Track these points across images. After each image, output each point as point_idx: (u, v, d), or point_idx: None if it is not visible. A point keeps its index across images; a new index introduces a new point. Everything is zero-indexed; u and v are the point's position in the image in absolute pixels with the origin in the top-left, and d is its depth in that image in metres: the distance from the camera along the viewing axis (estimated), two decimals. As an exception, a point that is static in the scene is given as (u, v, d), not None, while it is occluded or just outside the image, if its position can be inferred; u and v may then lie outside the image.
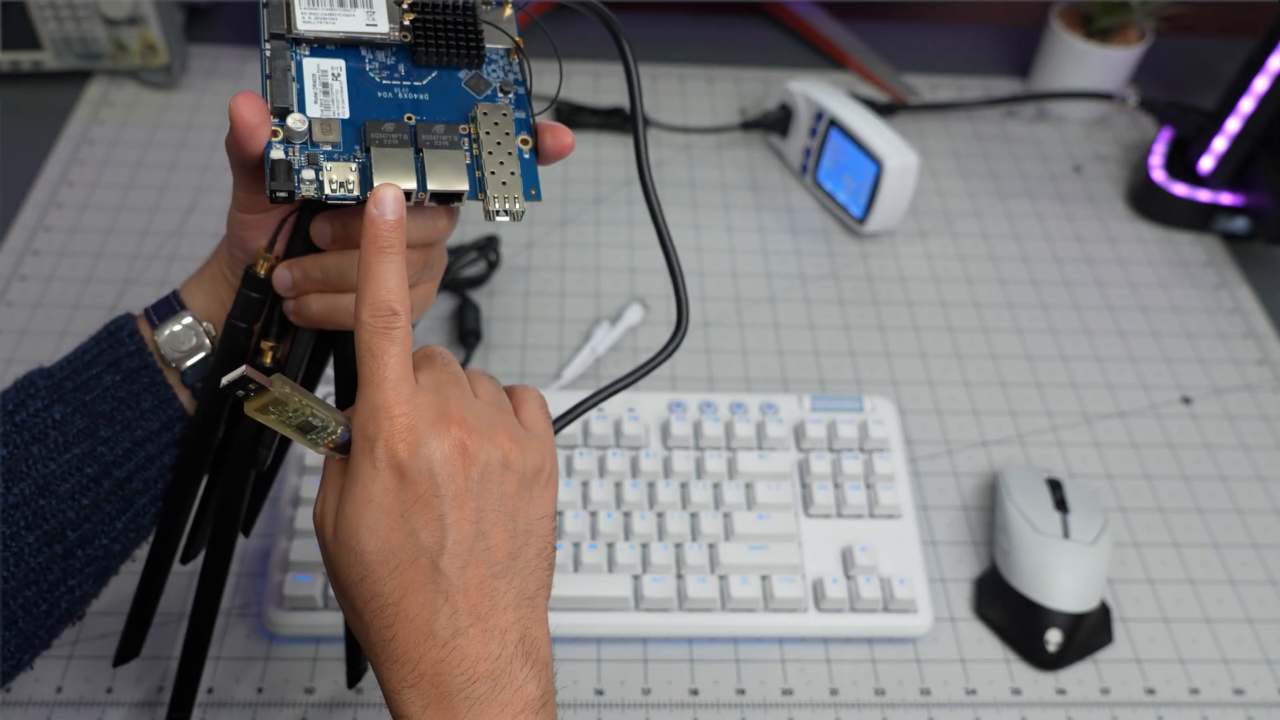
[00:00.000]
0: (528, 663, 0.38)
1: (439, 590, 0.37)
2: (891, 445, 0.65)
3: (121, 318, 0.46)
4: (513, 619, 0.38)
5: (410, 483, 0.37)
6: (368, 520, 0.37)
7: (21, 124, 0.84)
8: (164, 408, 0.45)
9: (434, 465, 0.37)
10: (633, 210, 0.83)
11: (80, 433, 0.44)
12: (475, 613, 0.37)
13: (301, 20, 0.40)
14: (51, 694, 0.55)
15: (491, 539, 0.38)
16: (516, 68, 0.43)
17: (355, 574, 0.37)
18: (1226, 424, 0.72)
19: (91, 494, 0.44)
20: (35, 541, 0.42)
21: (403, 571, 0.37)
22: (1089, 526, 0.61)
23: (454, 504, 0.37)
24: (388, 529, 0.37)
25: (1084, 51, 0.88)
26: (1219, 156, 0.82)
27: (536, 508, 0.40)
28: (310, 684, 0.56)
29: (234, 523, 0.47)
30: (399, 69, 0.42)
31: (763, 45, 0.99)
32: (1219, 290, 0.81)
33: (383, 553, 0.37)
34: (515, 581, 0.39)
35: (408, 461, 0.37)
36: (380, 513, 0.37)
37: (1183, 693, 0.59)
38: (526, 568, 0.39)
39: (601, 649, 0.59)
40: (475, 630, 0.37)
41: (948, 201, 0.86)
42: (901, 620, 0.59)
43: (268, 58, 0.40)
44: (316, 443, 0.38)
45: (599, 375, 0.71)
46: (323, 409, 0.38)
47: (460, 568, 0.37)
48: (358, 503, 0.37)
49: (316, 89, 0.40)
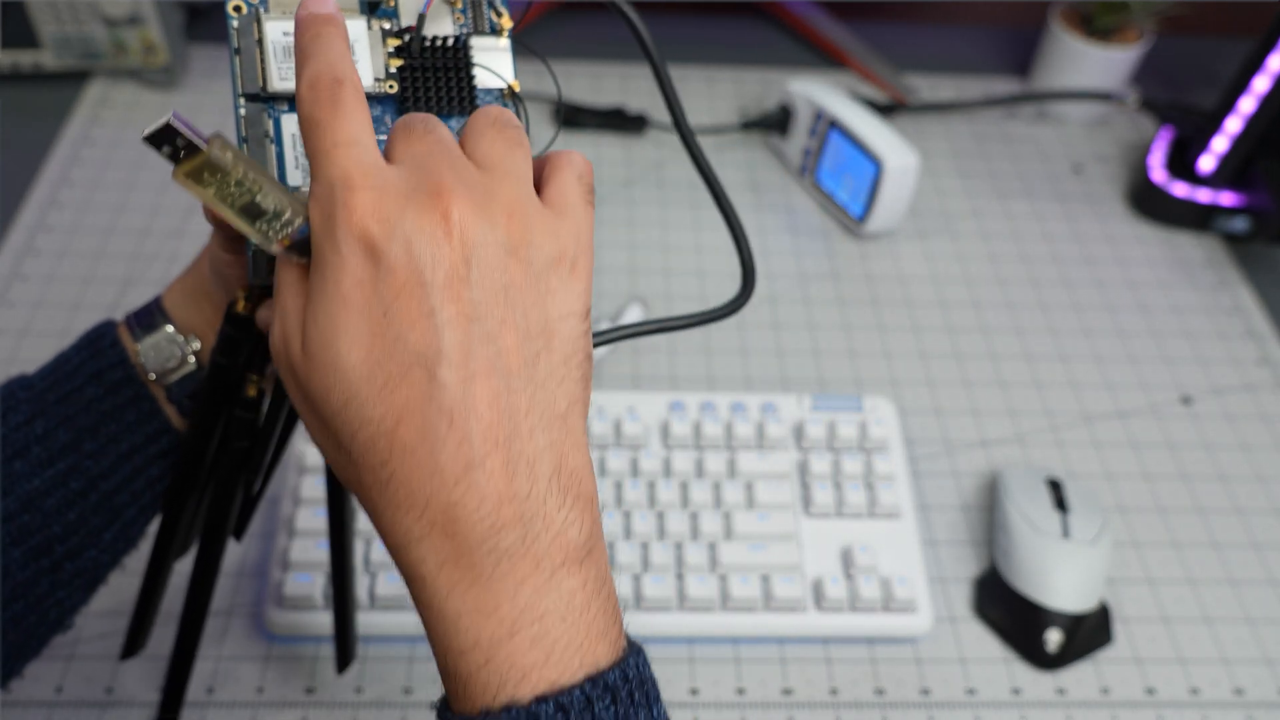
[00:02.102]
0: (566, 500, 0.31)
1: (441, 411, 0.29)
2: (891, 445, 0.65)
3: (102, 325, 0.45)
4: (542, 444, 0.31)
5: (387, 269, 0.29)
6: (344, 324, 0.29)
7: (21, 124, 0.84)
8: (149, 421, 0.44)
9: (414, 244, 0.29)
10: (633, 210, 0.83)
11: (64, 447, 0.42)
12: (491, 438, 0.30)
13: (278, 77, 0.37)
14: (51, 694, 0.55)
15: (501, 340, 0.30)
16: (512, 110, 0.41)
17: (337, 399, 0.30)
18: (1226, 424, 0.72)
19: (78, 508, 0.42)
20: (21, 556, 0.41)
21: (394, 388, 0.29)
22: (1089, 526, 0.61)
23: (445, 294, 0.30)
24: (369, 333, 0.29)
25: (1084, 51, 0.88)
26: (1219, 156, 0.82)
27: (557, 302, 0.32)
28: (310, 684, 0.56)
29: (224, 524, 0.47)
30: (385, 121, 0.39)
31: (763, 45, 0.99)
32: (1219, 290, 0.81)
33: (366, 365, 0.29)
34: (539, 396, 0.31)
35: (381, 241, 0.29)
36: (356, 313, 0.29)
37: (1183, 693, 0.59)
38: (551, 378, 0.31)
39: (601, 649, 0.59)
40: (494, 460, 0.30)
41: (947, 202, 0.86)
42: (901, 620, 0.59)
43: (242, 117, 0.37)
44: (268, 236, 0.31)
45: (599, 375, 0.71)
46: (276, 190, 0.31)
47: (464, 379, 0.30)
48: (330, 304, 0.29)
49: (297, 151, 0.37)
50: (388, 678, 0.57)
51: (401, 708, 0.56)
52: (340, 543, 0.49)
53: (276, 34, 0.38)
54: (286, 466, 0.62)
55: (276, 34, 0.38)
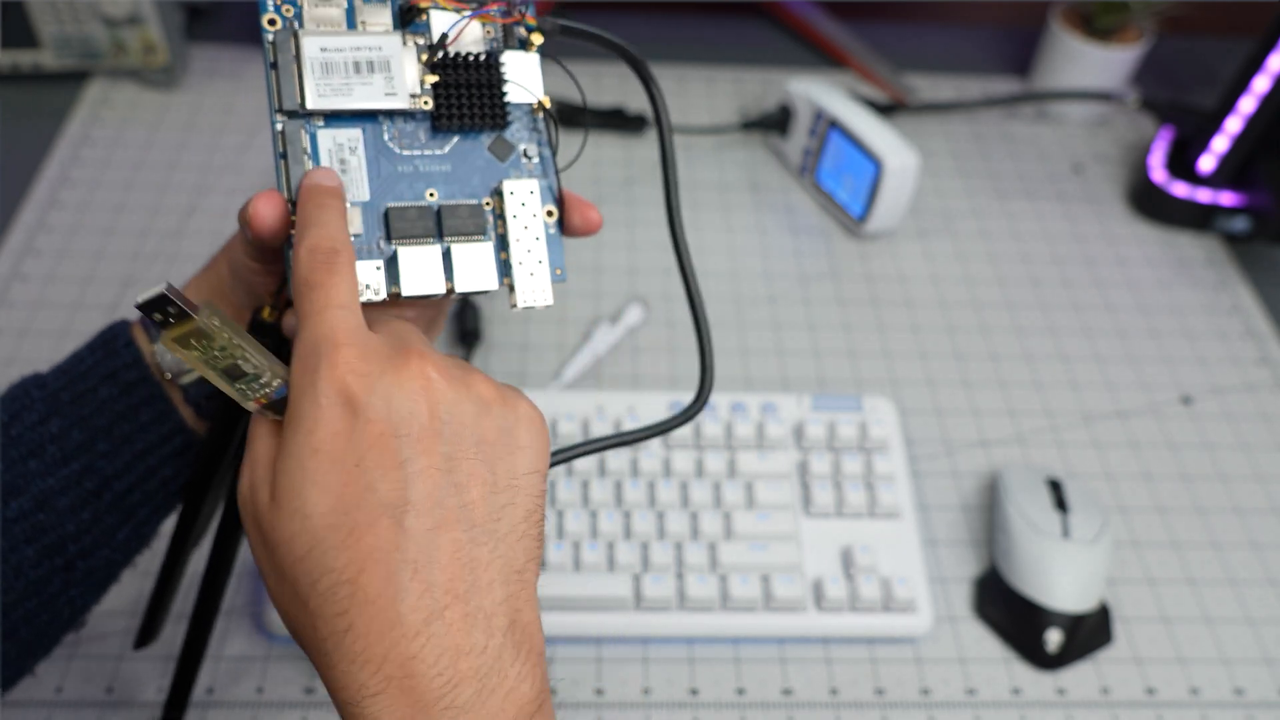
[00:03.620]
0: (519, 655, 0.31)
1: (406, 560, 0.30)
2: (891, 445, 0.65)
3: (117, 325, 0.45)
4: (500, 598, 0.31)
5: (364, 422, 0.30)
6: (314, 473, 0.30)
7: (21, 124, 0.84)
8: (163, 420, 0.44)
9: (393, 400, 0.31)
10: (633, 210, 0.83)
11: (78, 447, 0.43)
12: (452, 590, 0.30)
13: (316, 94, 0.38)
14: (51, 694, 0.55)
15: (468, 493, 0.31)
16: (542, 124, 0.42)
17: (300, 546, 0.30)
18: (1226, 424, 0.72)
19: (91, 508, 0.43)
20: (35, 555, 0.41)
21: (359, 537, 0.29)
22: (1089, 526, 0.61)
23: (419, 446, 0.31)
24: (340, 482, 0.30)
25: (1084, 51, 0.88)
26: (1219, 156, 0.82)
27: (522, 459, 0.33)
28: (310, 684, 0.56)
29: (238, 523, 0.47)
30: (419, 136, 0.40)
31: (763, 45, 0.99)
32: (1219, 290, 0.81)
33: (334, 514, 0.30)
34: (500, 550, 0.32)
35: (360, 395, 0.30)
36: (329, 462, 0.30)
37: (1183, 693, 0.59)
38: (513, 533, 0.32)
39: (601, 649, 0.59)
40: (454, 613, 0.30)
41: (947, 201, 0.86)
42: (901, 620, 0.59)
43: (279, 132, 0.38)
44: (246, 395, 0.33)
45: (600, 375, 0.71)
46: (258, 353, 0.32)
47: (430, 529, 0.30)
48: (301, 453, 0.30)
49: (334, 166, 0.38)
50: (388, 678, 0.57)
51: (401, 708, 0.56)
52: None
53: (314, 50, 0.38)
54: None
55: (314, 50, 0.38)
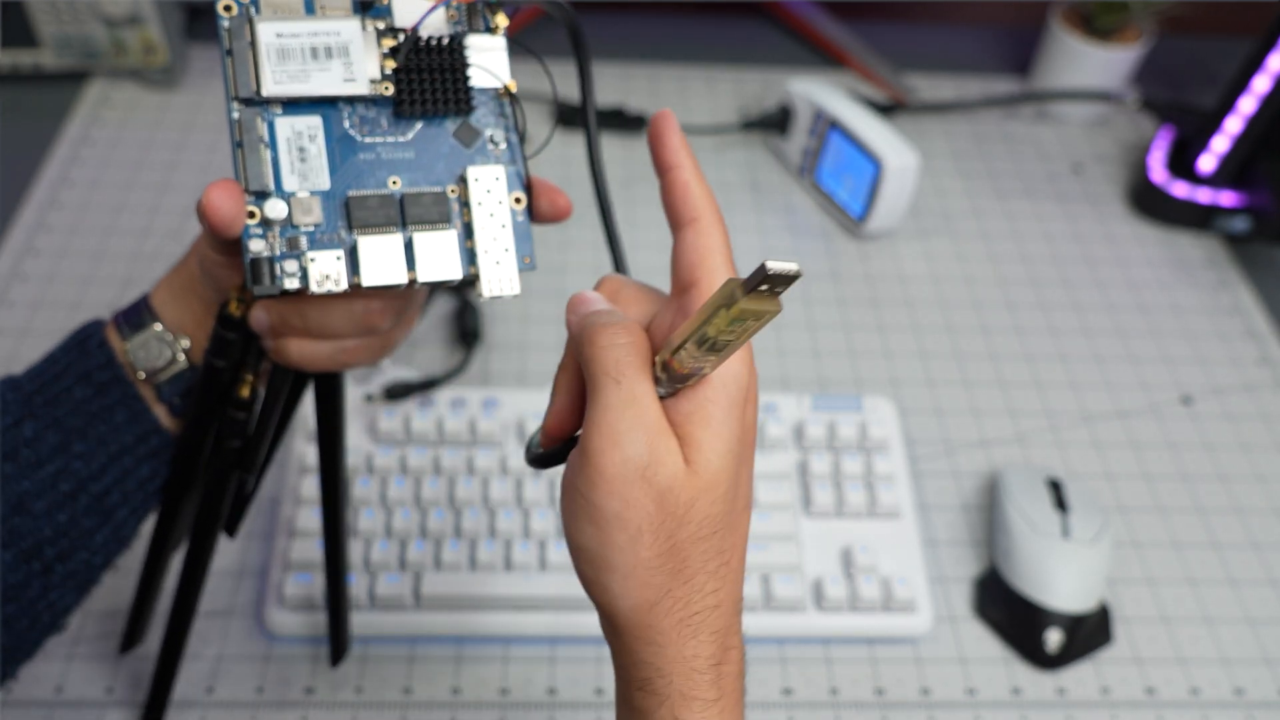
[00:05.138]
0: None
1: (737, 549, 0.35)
2: (891, 445, 0.65)
3: (90, 325, 0.44)
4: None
5: (746, 436, 0.36)
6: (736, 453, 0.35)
7: (21, 124, 0.84)
8: (138, 421, 0.44)
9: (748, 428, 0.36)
10: (633, 210, 0.83)
11: (53, 449, 0.42)
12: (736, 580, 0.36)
13: (272, 81, 0.37)
14: (51, 694, 0.55)
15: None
16: (508, 109, 0.40)
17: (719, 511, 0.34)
18: (1226, 424, 0.72)
19: (68, 510, 0.42)
20: (12, 559, 0.41)
21: (739, 518, 0.35)
22: (1089, 526, 0.61)
23: (749, 465, 0.37)
24: (734, 470, 0.35)
25: (1084, 51, 0.88)
26: (1219, 156, 0.82)
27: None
28: (310, 684, 0.56)
29: (214, 522, 0.47)
30: (381, 122, 0.38)
31: (763, 45, 0.99)
32: (1219, 290, 0.81)
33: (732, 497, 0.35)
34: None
35: (751, 419, 0.36)
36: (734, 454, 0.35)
37: (1183, 693, 0.59)
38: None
39: (602, 649, 0.59)
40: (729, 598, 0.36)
41: (947, 202, 0.86)
42: (901, 620, 0.59)
43: (236, 121, 0.37)
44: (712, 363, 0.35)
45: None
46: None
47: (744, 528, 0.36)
48: (730, 436, 0.35)
49: (293, 155, 0.37)
50: (388, 678, 0.57)
51: (401, 708, 0.56)
52: (335, 533, 0.49)
53: (270, 36, 0.37)
54: (287, 467, 0.62)
55: (270, 36, 0.37)
